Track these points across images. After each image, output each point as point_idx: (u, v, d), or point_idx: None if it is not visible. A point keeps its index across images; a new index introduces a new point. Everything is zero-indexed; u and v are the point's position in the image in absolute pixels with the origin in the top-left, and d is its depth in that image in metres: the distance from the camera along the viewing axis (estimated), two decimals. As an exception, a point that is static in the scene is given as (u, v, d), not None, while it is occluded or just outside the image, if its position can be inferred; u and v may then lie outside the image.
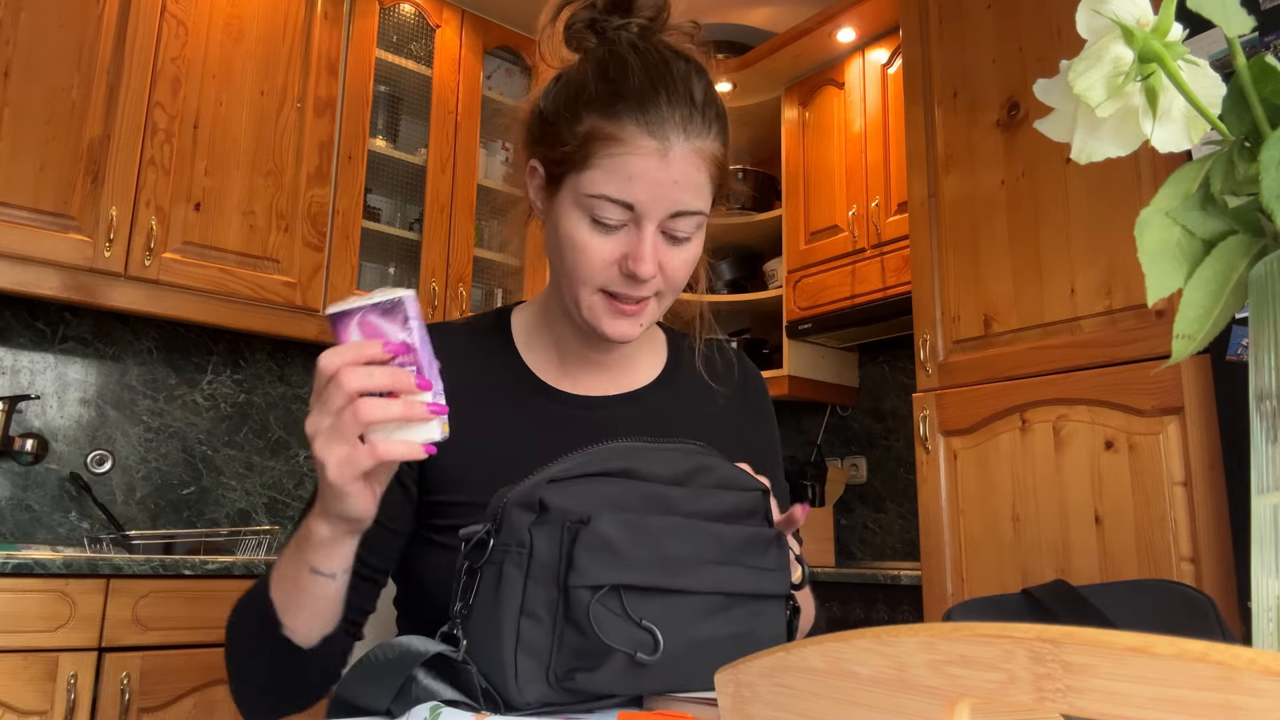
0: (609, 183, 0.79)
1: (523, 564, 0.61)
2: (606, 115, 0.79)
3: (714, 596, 0.65)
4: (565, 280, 0.85)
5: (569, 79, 0.84)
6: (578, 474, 0.64)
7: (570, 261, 0.82)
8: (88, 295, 2.19)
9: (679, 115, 0.79)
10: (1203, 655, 0.22)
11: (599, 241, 0.81)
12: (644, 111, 0.78)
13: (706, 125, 0.81)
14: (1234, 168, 0.42)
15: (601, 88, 0.80)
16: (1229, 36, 0.42)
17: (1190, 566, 1.68)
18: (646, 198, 0.79)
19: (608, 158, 0.79)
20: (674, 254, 0.83)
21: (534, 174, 0.88)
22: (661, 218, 0.80)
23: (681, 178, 0.80)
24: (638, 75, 0.80)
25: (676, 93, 0.80)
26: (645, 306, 0.85)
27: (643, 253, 0.80)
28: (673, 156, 0.79)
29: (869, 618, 2.39)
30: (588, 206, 0.80)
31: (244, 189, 2.45)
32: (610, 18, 0.84)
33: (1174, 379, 1.73)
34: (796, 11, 3.13)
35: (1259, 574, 0.40)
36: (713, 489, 0.69)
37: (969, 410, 2.09)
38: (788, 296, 3.02)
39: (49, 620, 1.82)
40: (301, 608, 0.74)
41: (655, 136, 0.78)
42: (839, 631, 0.33)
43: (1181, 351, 0.43)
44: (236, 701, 0.82)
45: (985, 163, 2.15)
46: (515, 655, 0.60)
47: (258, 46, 2.52)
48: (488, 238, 3.02)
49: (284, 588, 0.74)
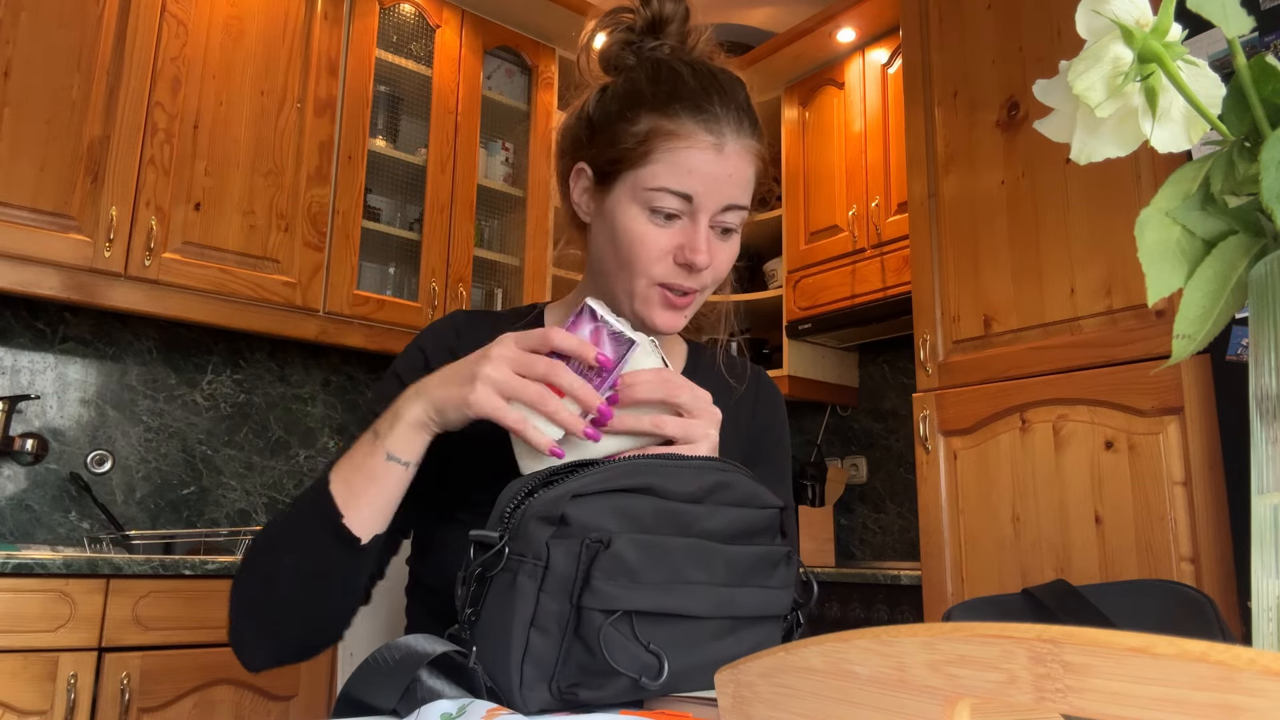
0: (669, 176, 0.84)
1: (537, 577, 0.61)
2: (665, 114, 0.85)
3: (722, 620, 0.66)
4: (620, 272, 0.89)
5: (619, 88, 0.91)
6: (599, 490, 0.64)
7: (627, 253, 0.87)
8: (88, 295, 2.19)
9: (731, 116, 0.86)
10: (1203, 655, 0.22)
11: (656, 232, 0.86)
12: (700, 110, 0.85)
13: (753, 126, 0.88)
14: (1234, 168, 0.42)
15: (657, 90, 0.87)
16: (1229, 37, 0.42)
17: (1190, 566, 1.68)
18: (703, 189, 0.85)
19: (668, 152, 0.84)
20: (722, 248, 0.89)
21: (580, 176, 0.92)
22: (715, 210, 0.86)
23: (735, 172, 0.86)
24: (690, 80, 0.87)
25: (726, 96, 0.87)
26: (692, 299, 0.90)
27: (698, 243, 0.85)
28: (728, 151, 0.85)
29: (869, 618, 2.39)
30: (646, 199, 0.85)
31: (244, 189, 2.45)
32: (645, 40, 0.92)
33: (1174, 379, 1.73)
34: (796, 11, 3.13)
35: (1259, 574, 0.40)
36: (729, 506, 0.70)
37: (969, 410, 2.09)
38: (788, 296, 3.02)
39: (49, 620, 1.82)
40: (370, 498, 0.77)
41: (712, 133, 0.85)
42: (839, 631, 0.33)
43: (1181, 351, 0.43)
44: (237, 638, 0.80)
45: (985, 163, 2.15)
46: (522, 665, 0.60)
47: (258, 46, 2.52)
48: (488, 238, 3.02)
49: (352, 479, 0.77)
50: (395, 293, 2.82)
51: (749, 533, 0.70)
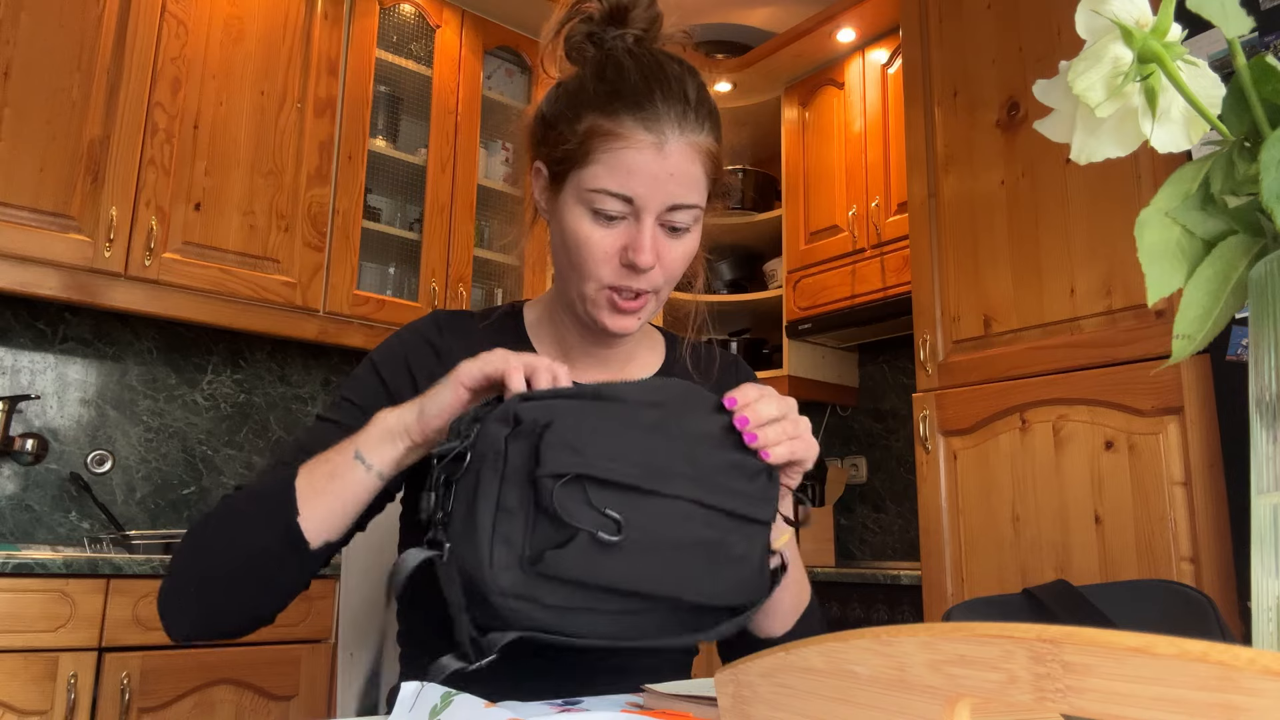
0: (609, 177, 0.82)
1: (499, 468, 0.64)
2: (605, 113, 0.83)
3: (685, 503, 0.67)
4: (571, 275, 0.88)
5: (569, 84, 0.89)
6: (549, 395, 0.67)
7: (575, 255, 0.86)
8: (88, 295, 2.19)
9: (674, 112, 0.83)
10: (1203, 655, 0.22)
11: (601, 234, 0.84)
12: (640, 108, 0.83)
13: (700, 122, 0.85)
14: (1234, 168, 0.42)
15: (599, 88, 0.85)
16: (1229, 37, 0.42)
17: (1190, 566, 1.68)
18: (644, 190, 0.83)
19: (607, 152, 0.82)
20: (672, 246, 0.86)
21: (538, 175, 0.92)
22: (659, 210, 0.84)
23: (677, 171, 0.83)
24: (633, 75, 0.85)
25: (671, 91, 0.84)
26: (645, 302, 0.88)
27: (642, 243, 0.83)
28: (669, 150, 0.83)
29: (869, 618, 2.39)
30: (589, 200, 0.84)
31: (244, 189, 2.45)
32: (607, 29, 0.90)
33: (1174, 379, 1.73)
34: (796, 11, 3.13)
35: (1259, 574, 0.40)
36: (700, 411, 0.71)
37: (969, 410, 2.09)
38: (788, 296, 3.02)
39: (49, 620, 1.82)
40: (329, 497, 0.75)
41: (652, 131, 0.82)
42: (839, 631, 0.33)
43: (1181, 351, 0.43)
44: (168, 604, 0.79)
45: (985, 163, 2.15)
46: (491, 544, 0.62)
47: (258, 47, 2.52)
48: (488, 238, 3.02)
49: (316, 475, 0.76)
50: (395, 293, 2.82)
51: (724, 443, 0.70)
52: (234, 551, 0.77)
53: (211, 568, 0.78)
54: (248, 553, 0.77)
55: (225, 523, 0.80)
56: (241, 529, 0.78)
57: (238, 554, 0.77)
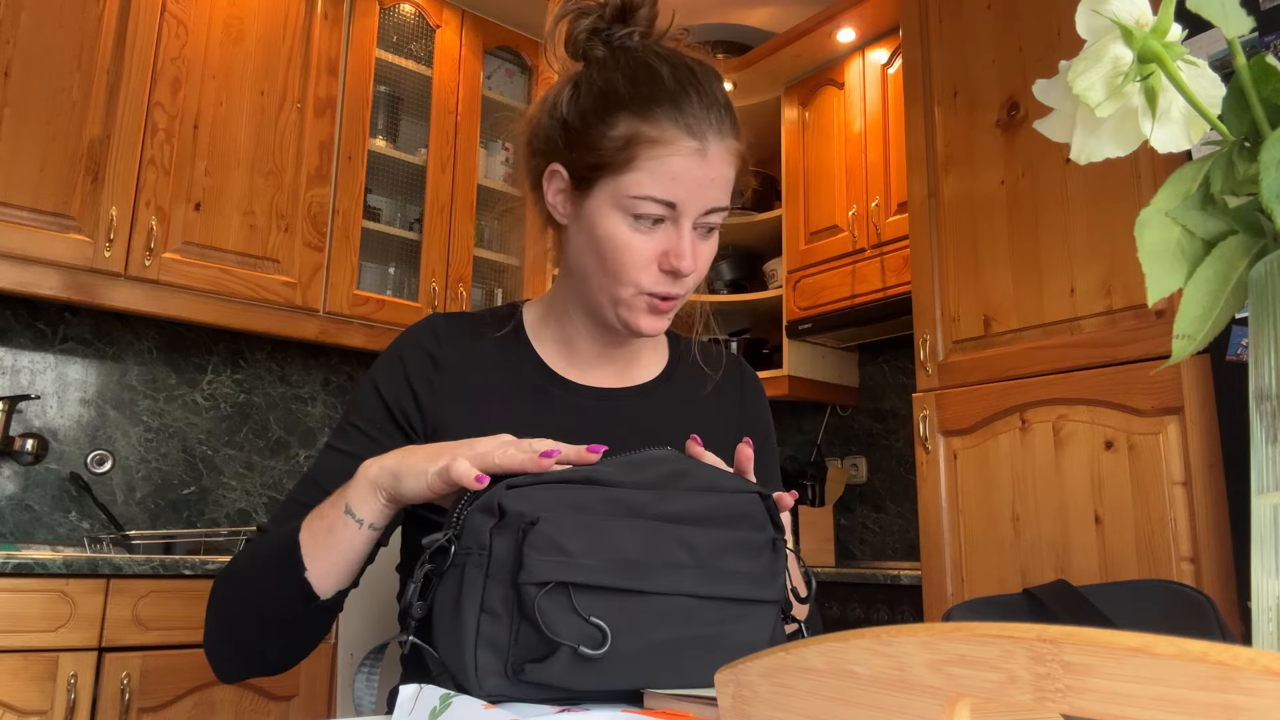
0: (653, 183, 0.82)
1: (483, 565, 0.62)
2: (645, 118, 0.83)
3: (678, 599, 0.64)
4: (603, 280, 0.87)
5: (593, 86, 0.87)
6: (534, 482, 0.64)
7: (612, 261, 0.86)
8: (88, 295, 2.19)
9: (713, 116, 0.84)
10: (1203, 655, 0.22)
11: (641, 240, 0.84)
12: (681, 113, 0.83)
13: (733, 125, 0.86)
14: (1234, 168, 0.42)
15: (634, 91, 0.84)
16: (1229, 37, 0.42)
17: (1190, 566, 1.68)
18: (688, 196, 0.83)
19: (651, 160, 0.82)
20: (704, 248, 0.87)
21: (554, 178, 0.90)
22: (698, 214, 0.85)
23: (718, 175, 0.84)
24: (669, 80, 0.84)
25: (706, 94, 0.84)
26: (675, 302, 0.89)
27: (683, 249, 0.84)
28: (710, 155, 0.83)
29: (869, 618, 2.39)
30: (629, 207, 0.83)
31: (244, 189, 2.45)
32: (613, 27, 0.89)
33: (1174, 379, 1.73)
34: (796, 11, 3.13)
35: (1259, 574, 0.40)
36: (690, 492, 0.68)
37: (969, 410, 2.09)
38: (788, 296, 3.02)
39: (49, 620, 1.82)
40: (328, 549, 0.75)
41: (695, 137, 0.83)
42: (839, 631, 0.33)
43: (1181, 351, 0.43)
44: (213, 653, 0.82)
45: (985, 163, 2.15)
46: (475, 650, 0.61)
47: (257, 47, 2.52)
48: (488, 238, 3.02)
49: (316, 529, 0.76)
50: (395, 293, 2.82)
51: (719, 519, 0.69)
52: (255, 607, 0.80)
53: (241, 622, 0.81)
54: (269, 608, 0.79)
55: (245, 580, 0.82)
56: (258, 588, 0.80)
57: (260, 611, 0.79)
